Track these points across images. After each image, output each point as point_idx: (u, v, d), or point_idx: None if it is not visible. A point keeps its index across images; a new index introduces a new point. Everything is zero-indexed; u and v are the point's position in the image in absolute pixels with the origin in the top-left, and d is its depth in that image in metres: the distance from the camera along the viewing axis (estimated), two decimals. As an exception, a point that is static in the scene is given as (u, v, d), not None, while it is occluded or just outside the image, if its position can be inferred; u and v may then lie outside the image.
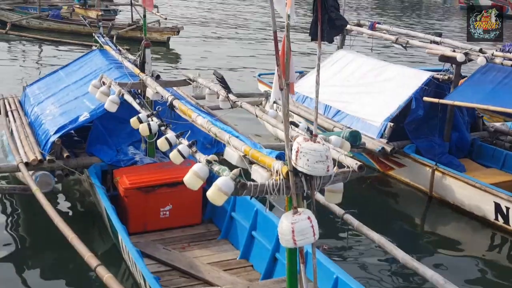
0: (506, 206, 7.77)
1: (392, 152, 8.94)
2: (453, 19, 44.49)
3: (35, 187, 6.20)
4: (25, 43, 18.93)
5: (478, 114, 10.26)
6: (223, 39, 24.68)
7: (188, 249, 6.41)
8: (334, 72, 10.40)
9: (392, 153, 8.95)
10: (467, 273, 7.03)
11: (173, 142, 4.94)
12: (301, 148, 3.52)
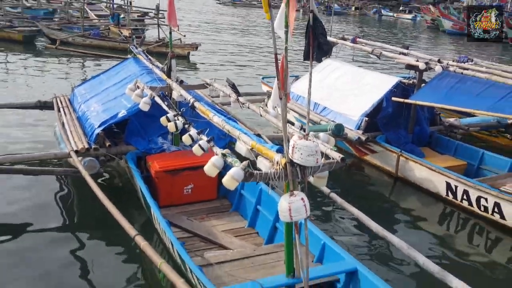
0: (455, 185, 7.87)
1: (367, 141, 9.04)
2: (420, 36, 44.40)
3: (84, 170, 6.30)
4: (71, 56, 18.96)
5: (436, 111, 10.23)
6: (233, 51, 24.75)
7: (206, 220, 6.48)
8: (323, 76, 10.43)
9: (366, 141, 9.06)
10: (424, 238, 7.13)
11: (195, 138, 5.02)
12: (296, 145, 3.62)
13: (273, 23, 3.80)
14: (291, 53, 9.27)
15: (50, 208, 7.00)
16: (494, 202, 7.33)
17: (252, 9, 59.23)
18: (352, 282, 4.61)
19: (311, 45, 3.85)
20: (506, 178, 7.87)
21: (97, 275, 5.54)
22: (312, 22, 3.84)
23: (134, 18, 26.54)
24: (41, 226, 6.54)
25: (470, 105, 8.34)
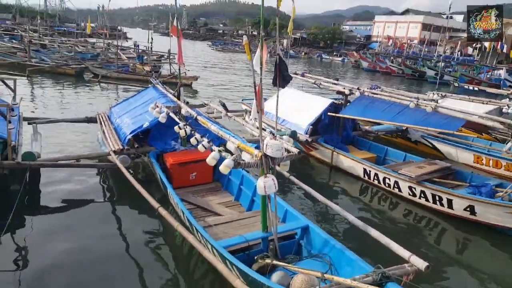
0: (369, 170, 8.06)
1: (312, 141, 9.16)
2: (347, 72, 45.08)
3: (120, 164, 6.29)
4: (108, 85, 18.63)
5: (356, 122, 10.39)
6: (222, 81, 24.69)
7: (205, 196, 6.51)
8: (283, 98, 10.48)
9: (311, 142, 9.18)
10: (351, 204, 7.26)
11: (199, 140, 5.06)
12: (268, 143, 3.73)
13: (252, 62, 3.92)
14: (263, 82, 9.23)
15: (95, 191, 6.91)
16: (394, 181, 7.54)
17: (236, 53, 59.13)
18: (306, 235, 4.73)
19: (278, 76, 3.97)
20: (402, 165, 8.06)
21: (130, 237, 5.50)
22: (278, 61, 3.97)
23: (154, 58, 26.27)
24: (91, 203, 6.48)
25: (378, 117, 8.56)
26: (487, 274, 5.34)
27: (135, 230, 5.68)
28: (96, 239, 5.33)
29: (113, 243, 5.32)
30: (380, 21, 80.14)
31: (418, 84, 35.78)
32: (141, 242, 5.38)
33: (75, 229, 5.56)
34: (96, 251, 5.04)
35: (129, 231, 5.64)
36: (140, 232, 5.64)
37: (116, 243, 5.33)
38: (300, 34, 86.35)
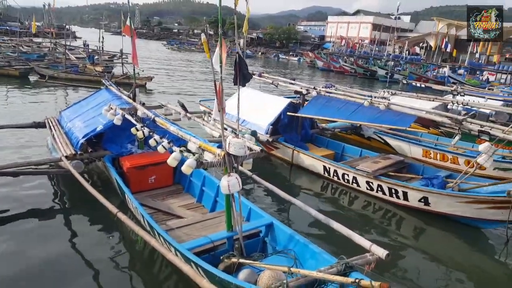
0: (329, 167, 8.27)
1: (272, 141, 9.21)
2: (303, 71, 46.03)
3: (73, 170, 6.00)
4: (56, 87, 17.66)
5: (314, 120, 10.59)
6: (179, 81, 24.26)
7: (166, 199, 6.38)
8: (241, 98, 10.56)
9: (272, 142, 9.23)
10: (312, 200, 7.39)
11: (158, 141, 4.95)
12: (231, 142, 3.74)
13: (211, 60, 3.91)
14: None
15: (47, 200, 6.52)
16: (352, 176, 7.80)
17: (192, 53, 58.34)
18: (270, 232, 4.79)
19: (238, 75, 3.99)
20: (358, 161, 8.36)
21: (87, 246, 5.25)
22: (238, 60, 3.99)
23: (105, 59, 25.31)
24: (43, 213, 6.11)
25: (335, 116, 8.83)
26: (441, 259, 5.72)
27: (93, 238, 5.45)
28: (49, 251, 5.04)
29: (69, 254, 5.07)
30: (333, 21, 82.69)
31: (370, 83, 37.36)
32: (100, 250, 5.17)
33: (24, 242, 5.23)
34: (51, 263, 4.77)
35: (86, 240, 5.40)
36: (99, 240, 5.42)
37: (73, 254, 5.09)
38: (256, 34, 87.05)
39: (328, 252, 4.08)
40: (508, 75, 39.16)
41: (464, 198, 6.38)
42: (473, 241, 6.33)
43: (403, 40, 58.51)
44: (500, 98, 14.23)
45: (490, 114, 12.56)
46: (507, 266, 5.71)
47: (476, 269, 5.61)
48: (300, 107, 9.64)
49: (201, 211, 6.01)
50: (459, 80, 34.67)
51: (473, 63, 45.64)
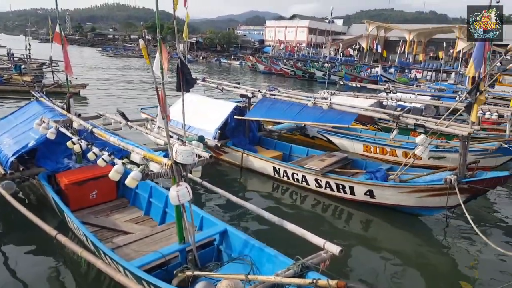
0: (278, 168, 8.33)
1: (221, 146, 9.11)
2: (245, 75, 46.31)
3: (3, 191, 5.44)
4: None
5: (261, 123, 10.62)
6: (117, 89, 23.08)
7: (110, 215, 5.98)
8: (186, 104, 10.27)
9: (221, 146, 9.12)
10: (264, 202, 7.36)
11: (98, 154, 4.60)
12: (178, 150, 3.55)
13: (152, 66, 3.70)
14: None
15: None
16: (302, 175, 7.92)
17: (130, 59, 56.04)
18: (224, 239, 4.66)
19: (181, 80, 3.82)
20: (306, 160, 8.49)
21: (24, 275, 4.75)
22: (180, 65, 3.82)
23: (34, 67, 23.38)
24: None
25: (281, 117, 8.91)
26: (390, 249, 5.96)
27: (30, 265, 4.94)
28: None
29: (4, 285, 4.53)
30: (271, 26, 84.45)
31: (309, 84, 38.58)
32: (40, 277, 4.69)
33: None
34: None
35: (23, 267, 4.87)
36: (37, 266, 4.92)
37: (9, 283, 4.56)
38: (196, 38, 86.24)
39: (284, 254, 4.04)
40: (433, 72, 42.60)
41: (406, 188, 6.73)
42: (416, 229, 6.70)
43: (337, 43, 61.34)
44: (428, 93, 15.39)
45: (422, 108, 13.50)
46: (448, 249, 6.09)
47: (421, 254, 5.91)
48: (246, 111, 9.64)
49: (150, 224, 5.71)
50: (390, 79, 37.05)
51: (402, 62, 49.09)
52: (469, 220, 5.53)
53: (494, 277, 5.19)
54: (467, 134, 5.97)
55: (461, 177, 6.00)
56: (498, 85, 22.36)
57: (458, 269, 5.53)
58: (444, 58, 44.17)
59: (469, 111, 6.22)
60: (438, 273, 5.39)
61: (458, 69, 40.57)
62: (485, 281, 5.16)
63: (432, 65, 45.28)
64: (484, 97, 6.06)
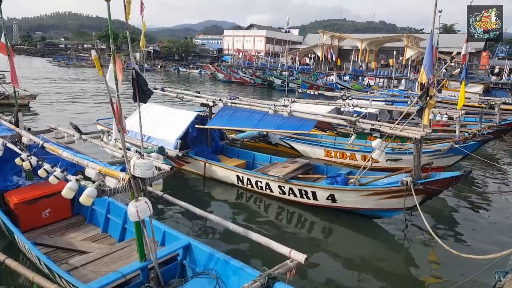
0: (242, 176, 8.26)
1: (182, 156, 8.92)
2: (206, 83, 46.00)
3: None
4: None
5: (223, 131, 10.54)
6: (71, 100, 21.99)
7: (65, 234, 5.60)
8: (145, 114, 9.97)
9: (182, 156, 8.93)
10: (229, 211, 7.27)
11: (49, 170, 4.29)
12: (136, 163, 3.39)
13: (105, 78, 3.51)
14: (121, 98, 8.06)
15: None
16: (265, 182, 7.89)
17: (84, 69, 53.84)
18: (188, 254, 4.49)
19: (137, 91, 3.65)
20: (269, 167, 8.48)
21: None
22: (136, 76, 3.65)
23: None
24: None
25: (242, 125, 8.85)
26: (353, 252, 6.06)
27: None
28: None
29: None
30: (229, 35, 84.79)
31: (269, 92, 39.04)
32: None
33: None
34: None
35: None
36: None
37: None
38: (153, 47, 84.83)
39: (250, 265, 3.96)
40: (385, 79, 44.62)
41: (365, 191, 6.89)
42: (377, 231, 6.86)
43: (294, 52, 62.62)
44: (381, 99, 16.06)
45: (377, 113, 14.03)
46: (408, 248, 6.29)
47: (383, 256, 6.05)
48: (208, 119, 9.52)
49: (109, 242, 5.40)
50: (345, 86, 38.33)
51: (355, 70, 50.97)
52: (424, 222, 5.66)
53: (447, 277, 5.36)
54: (419, 137, 6.23)
55: (416, 179, 6.23)
56: (445, 90, 23.80)
57: (416, 270, 5.68)
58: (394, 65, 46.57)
59: (420, 115, 6.52)
60: (398, 274, 5.53)
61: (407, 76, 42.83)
62: (440, 282, 5.33)
63: (384, 72, 47.47)
64: (434, 102, 6.36)
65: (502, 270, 3.05)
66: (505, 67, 43.07)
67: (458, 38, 52.56)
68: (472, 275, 4.33)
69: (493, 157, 13.28)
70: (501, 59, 52.22)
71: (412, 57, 48.22)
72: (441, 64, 20.76)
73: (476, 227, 7.21)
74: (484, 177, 10.66)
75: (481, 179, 10.52)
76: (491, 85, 28.79)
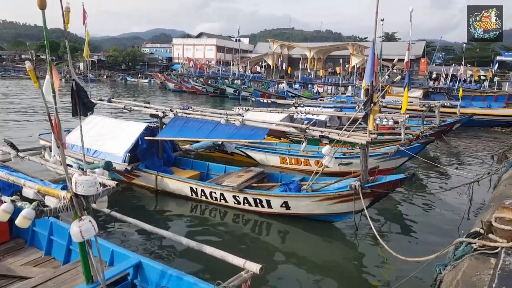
0: (196, 187, 8.14)
1: (132, 169, 8.64)
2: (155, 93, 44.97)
3: None
4: None
5: (176, 142, 10.35)
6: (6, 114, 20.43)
7: (3, 260, 5.14)
8: (90, 127, 9.56)
9: (132, 170, 8.65)
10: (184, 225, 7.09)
11: (-20, 192, 3.94)
12: (78, 180, 3.24)
13: (42, 90, 3.32)
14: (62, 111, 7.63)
15: None
16: (220, 193, 7.85)
17: (22, 81, 50.39)
18: (139, 272, 4.30)
19: (78, 104, 3.47)
20: (223, 177, 8.48)
21: None
22: (76, 87, 3.48)
23: None
24: None
25: (195, 136, 8.70)
26: (307, 256, 6.17)
27: None
28: None
29: None
30: (178, 43, 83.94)
31: (221, 101, 39.06)
32: None
33: None
34: None
35: None
36: None
37: None
38: (98, 56, 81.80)
39: (205, 280, 3.89)
40: (333, 86, 46.44)
41: (317, 197, 7.08)
42: (330, 235, 7.04)
43: (245, 60, 63.37)
44: (331, 106, 16.70)
45: (326, 120, 14.54)
46: (359, 251, 6.53)
47: (335, 260, 6.22)
48: (158, 131, 9.30)
49: (52, 265, 5.05)
50: (296, 94, 39.38)
51: (305, 78, 52.56)
52: (371, 226, 5.85)
53: (393, 276, 5.57)
54: (365, 142, 6.53)
55: (364, 183, 6.51)
56: (388, 95, 25.25)
57: (366, 270, 5.85)
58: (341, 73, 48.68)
59: (366, 121, 6.85)
60: (350, 277, 5.69)
61: (354, 83, 44.94)
62: (386, 281, 5.54)
63: (332, 80, 49.45)
64: (378, 108, 6.72)
65: (442, 263, 3.26)
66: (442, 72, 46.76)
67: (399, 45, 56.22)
68: (413, 273, 4.48)
69: (435, 157, 14.26)
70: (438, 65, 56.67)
71: (357, 64, 50.71)
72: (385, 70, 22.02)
73: (421, 225, 7.65)
74: (428, 177, 11.40)
75: (425, 179, 11.24)
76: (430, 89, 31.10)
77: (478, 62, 62.04)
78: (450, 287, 2.68)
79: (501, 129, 22.65)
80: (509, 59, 52.46)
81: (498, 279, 2.36)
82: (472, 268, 2.85)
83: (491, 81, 44.68)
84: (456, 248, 3.24)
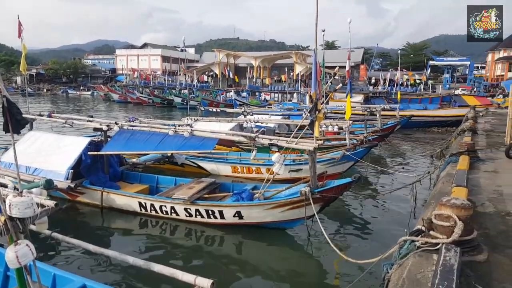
0: (144, 202, 7.82)
1: (75, 187, 8.12)
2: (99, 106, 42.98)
3: None
4: None
5: (122, 156, 9.90)
6: None
7: None
8: (29, 144, 8.88)
9: (75, 187, 8.13)
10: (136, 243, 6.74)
11: None
12: (12, 202, 2.98)
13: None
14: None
15: None
16: (170, 206, 7.60)
17: None
18: (82, 297, 4.02)
19: (10, 121, 3.18)
20: (174, 190, 8.24)
21: None
22: (7, 104, 3.20)
23: None
24: None
25: (142, 149, 8.40)
26: (262, 265, 6.15)
27: None
28: None
29: None
30: (122, 54, 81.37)
31: (169, 111, 38.29)
32: None
33: None
34: None
35: None
36: None
37: None
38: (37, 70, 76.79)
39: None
40: (279, 94, 47.50)
41: (269, 204, 7.11)
42: (284, 242, 7.04)
43: (191, 70, 62.81)
44: (279, 113, 17.03)
45: (275, 127, 14.78)
46: (313, 256, 6.63)
47: (290, 266, 6.23)
48: (103, 145, 8.85)
49: (-14, 297, 4.55)
50: (244, 102, 39.69)
51: (252, 86, 53.28)
52: (321, 230, 5.95)
53: (341, 281, 5.71)
54: (313, 148, 6.70)
55: (314, 188, 6.66)
56: (332, 101, 26.32)
57: (319, 277, 5.94)
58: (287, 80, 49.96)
59: (312, 128, 7.04)
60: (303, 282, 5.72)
61: (299, 90, 46.33)
62: (337, 286, 5.68)
63: (278, 87, 50.59)
64: (322, 115, 6.95)
65: (388, 263, 3.38)
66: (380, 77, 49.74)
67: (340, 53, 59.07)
68: (361, 275, 4.60)
69: (380, 159, 15.02)
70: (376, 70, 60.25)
71: (301, 72, 52.45)
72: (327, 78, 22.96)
73: (372, 226, 7.92)
74: (375, 179, 11.97)
75: (373, 181, 11.78)
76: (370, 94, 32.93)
77: (413, 67, 67.07)
78: (397, 285, 2.79)
79: (438, 129, 24.51)
80: (441, 63, 57.19)
81: (440, 274, 2.49)
82: (416, 265, 3.00)
83: (426, 84, 48.50)
84: (400, 247, 3.38)
